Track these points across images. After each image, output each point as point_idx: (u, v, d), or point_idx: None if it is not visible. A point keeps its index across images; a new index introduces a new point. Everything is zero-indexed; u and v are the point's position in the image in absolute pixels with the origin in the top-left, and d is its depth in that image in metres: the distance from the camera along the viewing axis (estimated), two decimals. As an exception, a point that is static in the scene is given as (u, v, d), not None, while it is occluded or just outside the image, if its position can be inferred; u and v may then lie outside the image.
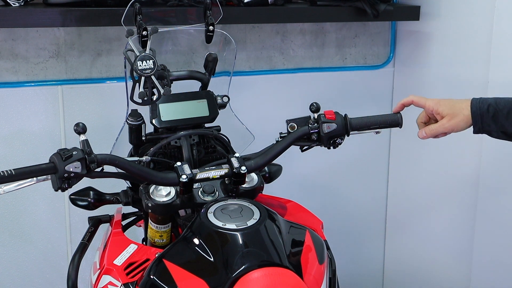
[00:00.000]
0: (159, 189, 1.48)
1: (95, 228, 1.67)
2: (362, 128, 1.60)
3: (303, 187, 2.58)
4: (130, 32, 1.45)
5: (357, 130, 1.60)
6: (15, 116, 2.17)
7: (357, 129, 1.60)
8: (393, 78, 2.71)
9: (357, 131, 1.60)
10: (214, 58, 1.72)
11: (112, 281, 1.43)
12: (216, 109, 1.67)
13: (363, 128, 1.61)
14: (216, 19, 1.72)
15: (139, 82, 1.43)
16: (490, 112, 1.55)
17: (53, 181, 1.31)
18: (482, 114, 1.56)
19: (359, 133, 1.61)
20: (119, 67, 2.25)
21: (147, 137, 1.63)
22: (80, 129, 1.36)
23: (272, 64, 2.51)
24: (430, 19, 2.45)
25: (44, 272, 2.31)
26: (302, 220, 1.53)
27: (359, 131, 1.60)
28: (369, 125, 1.61)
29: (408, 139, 2.46)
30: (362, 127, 1.60)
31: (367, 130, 1.61)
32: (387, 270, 2.85)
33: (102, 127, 2.11)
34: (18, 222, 2.25)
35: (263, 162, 1.52)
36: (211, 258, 1.31)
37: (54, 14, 1.98)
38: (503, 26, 2.12)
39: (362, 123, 1.60)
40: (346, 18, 2.42)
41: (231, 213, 1.39)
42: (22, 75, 2.18)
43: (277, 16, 2.31)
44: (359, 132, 1.61)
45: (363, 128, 1.60)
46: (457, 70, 2.35)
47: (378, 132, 1.64)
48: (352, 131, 1.58)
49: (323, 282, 1.39)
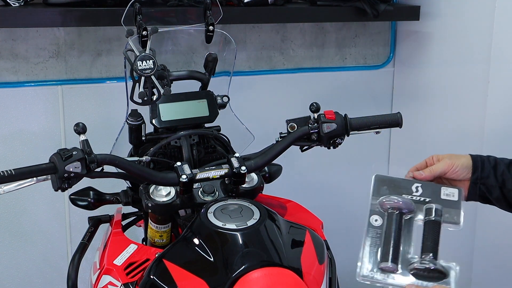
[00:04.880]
0: (159, 189, 1.47)
1: (95, 228, 1.67)
2: (362, 128, 1.60)
3: (303, 187, 2.57)
4: (130, 32, 1.45)
5: (357, 130, 1.59)
6: (15, 116, 2.17)
7: (357, 129, 1.59)
8: (393, 78, 2.71)
9: (357, 131, 1.60)
10: (214, 58, 1.72)
11: (112, 281, 1.43)
12: (216, 109, 1.67)
13: (363, 128, 1.60)
14: (216, 19, 1.72)
15: (139, 82, 1.43)
16: (491, 161, 1.48)
17: (53, 181, 1.31)
18: (483, 160, 1.48)
19: (359, 133, 1.61)
20: (119, 67, 2.25)
21: (147, 137, 1.63)
22: (80, 129, 1.36)
23: (272, 64, 2.51)
24: (430, 19, 2.45)
25: (44, 272, 2.31)
26: (302, 220, 1.53)
27: (359, 131, 1.60)
28: (369, 125, 1.61)
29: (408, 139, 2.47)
30: (362, 127, 1.60)
31: (367, 130, 1.61)
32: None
33: (102, 127, 2.11)
34: (18, 222, 2.25)
35: (263, 162, 1.52)
36: (211, 258, 1.31)
37: (54, 14, 1.98)
38: (503, 26, 2.12)
39: (362, 123, 1.60)
40: (346, 18, 2.42)
41: (231, 213, 1.39)
42: (22, 75, 2.18)
43: (277, 16, 2.31)
44: (359, 132, 1.60)
45: (363, 128, 1.60)
46: (457, 70, 2.35)
47: (378, 132, 1.64)
48: (352, 131, 1.58)
49: (323, 282, 1.39)
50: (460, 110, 2.35)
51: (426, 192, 1.41)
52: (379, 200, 1.39)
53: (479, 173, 1.47)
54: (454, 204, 1.39)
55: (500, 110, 2.17)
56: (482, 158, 1.49)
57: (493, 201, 1.50)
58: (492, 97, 2.19)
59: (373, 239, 1.33)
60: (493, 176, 1.47)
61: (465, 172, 1.47)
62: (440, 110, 2.46)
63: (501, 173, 1.47)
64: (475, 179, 1.47)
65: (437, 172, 1.46)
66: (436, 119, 2.47)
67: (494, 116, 2.19)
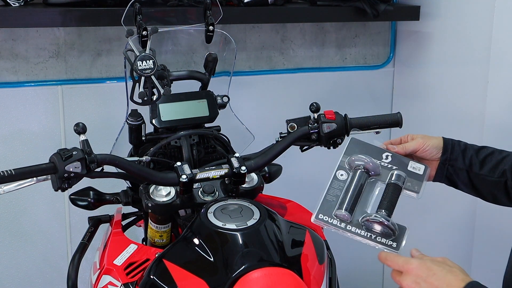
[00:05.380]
0: (159, 189, 1.48)
1: (95, 228, 1.67)
2: (362, 128, 1.60)
3: (303, 187, 2.57)
4: (130, 32, 1.45)
5: (357, 130, 1.60)
6: (15, 116, 2.17)
7: (357, 129, 1.60)
8: (393, 78, 2.71)
9: (357, 131, 1.60)
10: (214, 58, 1.72)
11: (112, 281, 1.43)
12: (216, 109, 1.67)
13: (363, 128, 1.61)
14: (216, 19, 1.72)
15: (139, 82, 1.43)
16: (461, 145, 1.53)
17: (53, 181, 1.31)
18: (454, 143, 1.53)
19: (359, 133, 1.61)
20: (119, 67, 2.25)
21: (147, 137, 1.63)
22: (80, 129, 1.36)
23: (272, 64, 2.51)
24: (430, 19, 2.45)
25: (44, 272, 2.31)
26: (302, 220, 1.53)
27: (359, 131, 1.60)
28: (369, 125, 1.61)
29: (408, 139, 2.46)
30: (362, 127, 1.60)
31: (367, 130, 1.61)
32: (387, 270, 2.85)
33: (102, 127, 2.11)
34: (18, 222, 2.25)
35: (263, 162, 1.52)
36: (211, 258, 1.31)
37: (54, 14, 1.98)
38: (503, 26, 2.12)
39: (362, 123, 1.60)
40: (346, 18, 2.42)
41: (231, 213, 1.39)
42: (22, 75, 2.18)
43: (277, 16, 2.31)
44: (359, 132, 1.61)
45: (363, 128, 1.60)
46: (457, 70, 2.35)
47: (378, 132, 1.64)
48: (352, 131, 1.58)
49: (323, 282, 1.39)
50: (459, 110, 2.35)
51: (394, 161, 1.47)
52: (348, 158, 1.44)
53: (448, 155, 1.52)
54: (418, 176, 1.46)
55: (499, 110, 2.17)
56: (453, 142, 1.54)
57: (459, 183, 1.54)
58: (491, 97, 2.19)
59: (334, 190, 1.38)
60: (461, 159, 1.52)
61: (434, 152, 1.52)
62: (439, 110, 2.46)
63: (469, 157, 1.52)
64: (444, 160, 1.52)
65: (409, 149, 1.51)
66: (436, 119, 2.48)
67: (494, 116, 2.19)
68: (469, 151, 1.53)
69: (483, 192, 1.54)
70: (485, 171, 1.50)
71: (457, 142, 1.54)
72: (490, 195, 1.54)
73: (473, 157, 1.52)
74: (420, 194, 1.43)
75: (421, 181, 1.45)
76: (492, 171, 1.50)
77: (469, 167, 1.52)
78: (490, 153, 1.52)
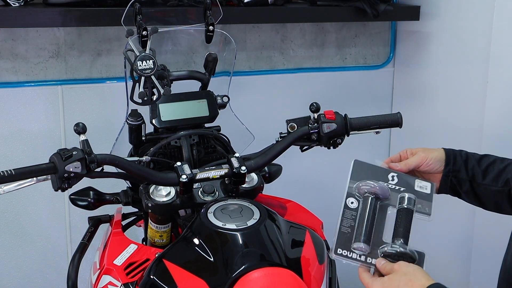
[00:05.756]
0: (159, 189, 1.48)
1: (95, 228, 1.67)
2: (362, 128, 1.60)
3: (303, 187, 2.57)
4: (130, 32, 1.45)
5: (357, 130, 1.60)
6: (15, 116, 2.17)
7: (357, 129, 1.60)
8: (393, 78, 2.71)
9: (357, 131, 1.60)
10: (214, 58, 1.72)
11: (112, 281, 1.43)
12: (216, 109, 1.67)
13: (363, 128, 1.61)
14: (216, 19, 1.72)
15: (139, 82, 1.43)
16: (462, 156, 1.52)
17: (53, 181, 1.31)
18: (455, 154, 1.52)
19: (359, 133, 1.61)
20: (119, 67, 2.25)
21: (147, 137, 1.63)
22: (80, 129, 1.36)
23: (272, 64, 2.51)
24: (430, 19, 2.45)
25: (44, 272, 2.31)
26: (302, 220, 1.53)
27: (359, 131, 1.60)
28: (369, 125, 1.61)
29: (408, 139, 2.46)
30: (362, 127, 1.60)
31: (367, 130, 1.61)
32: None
33: (102, 127, 2.11)
34: (18, 222, 2.25)
35: (263, 162, 1.52)
36: (211, 258, 1.31)
37: (54, 14, 1.98)
38: (503, 26, 2.12)
39: (362, 123, 1.60)
40: (346, 18, 2.42)
41: (231, 213, 1.39)
42: (22, 75, 2.18)
43: (277, 16, 2.31)
44: (359, 132, 1.61)
45: (363, 128, 1.60)
46: (457, 70, 2.35)
47: (378, 132, 1.64)
48: (352, 131, 1.58)
49: (323, 282, 1.39)
50: (459, 110, 2.35)
51: (401, 182, 1.45)
52: (356, 184, 1.43)
53: (451, 167, 1.51)
54: (426, 196, 1.44)
55: (498, 110, 2.17)
56: (455, 152, 1.53)
57: (463, 194, 1.54)
58: (491, 97, 2.19)
59: (348, 220, 1.37)
60: (464, 170, 1.51)
61: (437, 165, 1.51)
62: (439, 110, 2.46)
63: (471, 168, 1.51)
64: (447, 172, 1.51)
65: (412, 165, 1.50)
66: (436, 119, 2.48)
67: (493, 116, 2.19)
68: (471, 160, 1.52)
69: (486, 202, 1.53)
70: (488, 180, 1.50)
71: (458, 152, 1.53)
72: (492, 204, 1.52)
73: (475, 167, 1.51)
74: (431, 217, 1.41)
75: (430, 201, 1.43)
76: (495, 181, 1.49)
77: (472, 178, 1.51)
78: (492, 162, 1.51)
